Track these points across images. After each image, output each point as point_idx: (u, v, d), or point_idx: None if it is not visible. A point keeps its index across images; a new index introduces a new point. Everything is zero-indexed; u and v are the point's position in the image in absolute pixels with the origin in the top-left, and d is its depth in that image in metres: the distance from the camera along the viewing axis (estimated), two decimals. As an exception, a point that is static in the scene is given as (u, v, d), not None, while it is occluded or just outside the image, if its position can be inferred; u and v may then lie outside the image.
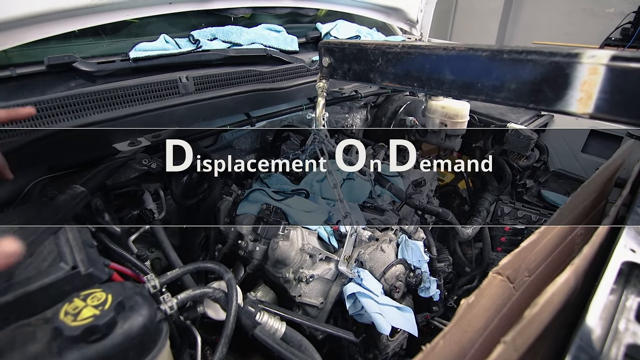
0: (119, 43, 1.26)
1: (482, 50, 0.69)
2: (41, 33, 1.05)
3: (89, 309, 0.54)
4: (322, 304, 1.06)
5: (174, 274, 0.79)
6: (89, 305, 0.55)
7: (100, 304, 0.56)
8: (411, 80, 0.84)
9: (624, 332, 0.50)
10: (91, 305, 0.55)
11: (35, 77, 1.06)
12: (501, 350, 0.45)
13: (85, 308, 0.55)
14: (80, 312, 0.54)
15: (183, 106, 1.11)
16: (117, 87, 1.01)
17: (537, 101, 0.66)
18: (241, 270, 1.21)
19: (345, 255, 1.07)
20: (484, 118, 1.84)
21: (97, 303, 0.56)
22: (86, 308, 0.55)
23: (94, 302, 0.56)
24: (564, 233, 0.79)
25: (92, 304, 0.55)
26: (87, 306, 0.55)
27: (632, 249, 0.64)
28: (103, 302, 0.56)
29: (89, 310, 0.54)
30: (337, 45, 1.00)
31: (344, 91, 1.65)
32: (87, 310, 0.54)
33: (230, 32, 1.39)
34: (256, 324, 0.82)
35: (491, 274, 0.60)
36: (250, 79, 1.28)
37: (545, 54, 0.61)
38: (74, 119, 0.95)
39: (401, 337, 1.13)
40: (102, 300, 0.56)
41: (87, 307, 0.55)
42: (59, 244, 0.66)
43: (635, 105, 0.54)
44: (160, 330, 0.63)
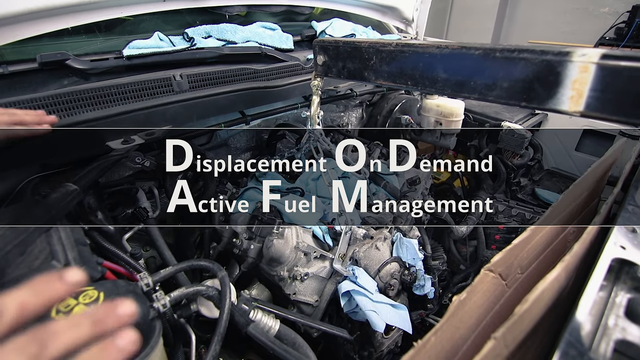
0: (113, 41, 1.25)
1: (474, 48, 0.70)
2: (34, 30, 1.04)
3: (80, 307, 0.54)
4: (317, 301, 1.07)
5: (167, 272, 0.79)
6: (81, 303, 0.55)
7: (92, 302, 0.56)
8: (405, 78, 0.85)
9: (614, 328, 0.50)
10: (83, 303, 0.55)
11: (27, 75, 1.04)
12: (491, 346, 0.45)
13: (77, 306, 0.54)
14: (72, 309, 0.54)
15: (177, 104, 1.11)
16: (111, 85, 1.00)
17: (529, 99, 0.66)
18: (236, 268, 1.21)
19: (340, 253, 1.07)
20: (478, 117, 1.85)
21: (89, 301, 0.56)
22: (78, 306, 0.55)
23: (86, 300, 0.56)
24: (557, 231, 0.80)
25: (84, 302, 0.55)
26: (78, 304, 0.55)
27: (623, 246, 0.64)
28: (95, 300, 0.56)
29: (81, 308, 0.54)
30: (331, 44, 1.00)
31: (339, 89, 1.65)
32: (79, 308, 0.54)
33: (225, 30, 1.39)
34: (250, 321, 0.82)
35: (483, 271, 0.60)
36: (245, 77, 1.28)
37: (537, 52, 0.62)
38: (66, 116, 0.94)
39: (396, 334, 1.14)
40: (94, 298, 0.56)
41: (78, 305, 0.55)
42: (51, 242, 0.65)
43: (625, 103, 0.55)
44: (153, 328, 0.63)
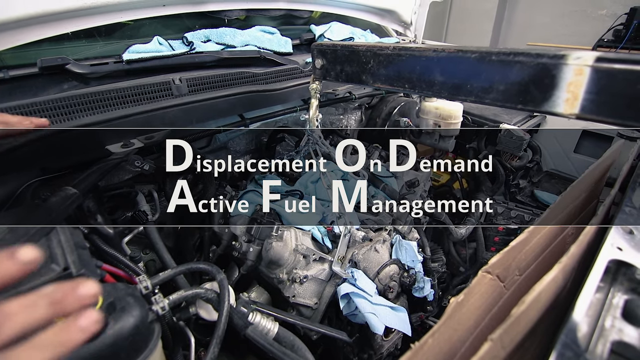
0: (113, 45, 1.26)
1: (471, 52, 0.70)
2: (34, 35, 1.05)
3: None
4: (316, 304, 1.07)
5: (166, 275, 0.79)
6: (80, 306, 0.55)
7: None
8: (402, 81, 0.85)
9: (610, 329, 0.50)
10: (82, 306, 0.55)
11: (28, 80, 1.05)
12: (488, 347, 0.45)
13: (75, 308, 0.55)
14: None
15: (176, 108, 1.11)
16: (110, 89, 1.01)
17: (525, 102, 0.66)
18: (235, 271, 1.21)
19: (339, 255, 1.07)
20: (477, 119, 1.85)
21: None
22: (77, 308, 0.55)
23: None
24: (555, 232, 0.80)
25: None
26: (77, 307, 0.55)
27: (620, 247, 0.64)
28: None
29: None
30: (329, 47, 1.00)
31: (338, 92, 1.65)
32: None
33: (224, 34, 1.39)
34: (248, 324, 0.83)
35: (481, 273, 0.60)
36: (244, 80, 1.28)
37: (532, 55, 0.62)
38: (66, 120, 0.94)
39: (396, 337, 1.14)
40: (92, 301, 0.56)
41: (77, 307, 0.55)
42: (50, 246, 0.66)
43: (620, 105, 0.55)
44: (152, 331, 0.63)
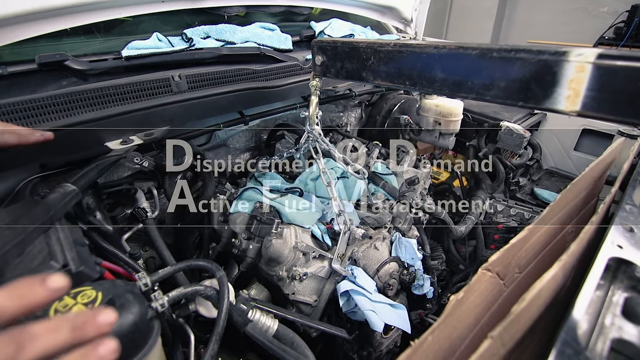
0: (112, 41, 1.25)
1: (472, 48, 0.70)
2: (33, 31, 1.04)
3: (78, 307, 0.54)
4: (316, 301, 1.07)
5: (166, 272, 0.79)
6: (79, 302, 0.55)
7: (90, 302, 0.56)
8: (403, 78, 0.85)
9: (610, 327, 0.50)
10: (81, 302, 0.55)
11: (26, 76, 1.05)
12: (488, 345, 0.45)
13: (75, 306, 0.55)
14: (70, 309, 0.54)
15: (176, 104, 1.11)
16: (109, 86, 1.00)
17: (526, 99, 0.66)
18: (235, 268, 1.21)
19: (338, 253, 1.07)
20: (477, 117, 1.85)
21: (87, 301, 0.56)
22: (76, 306, 0.55)
23: (84, 300, 0.56)
24: (555, 230, 0.80)
25: (82, 302, 0.55)
26: (77, 304, 0.55)
27: (620, 245, 0.64)
28: (93, 300, 0.56)
29: (79, 308, 0.54)
30: (329, 44, 1.00)
31: (338, 89, 1.65)
32: (77, 308, 0.54)
33: (224, 31, 1.39)
34: (248, 321, 0.82)
35: (481, 270, 0.60)
36: (244, 77, 1.28)
37: (534, 52, 0.62)
38: (65, 117, 0.94)
39: (395, 334, 1.14)
40: (92, 298, 0.56)
41: (77, 305, 0.55)
42: (49, 243, 0.65)
43: (621, 103, 0.55)
44: (151, 328, 0.63)
